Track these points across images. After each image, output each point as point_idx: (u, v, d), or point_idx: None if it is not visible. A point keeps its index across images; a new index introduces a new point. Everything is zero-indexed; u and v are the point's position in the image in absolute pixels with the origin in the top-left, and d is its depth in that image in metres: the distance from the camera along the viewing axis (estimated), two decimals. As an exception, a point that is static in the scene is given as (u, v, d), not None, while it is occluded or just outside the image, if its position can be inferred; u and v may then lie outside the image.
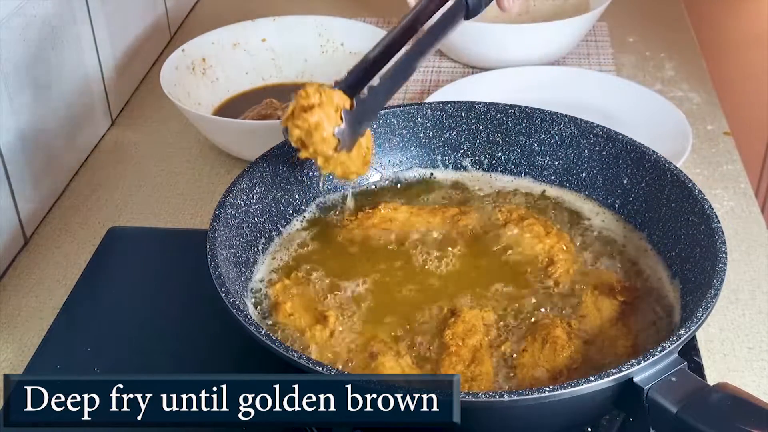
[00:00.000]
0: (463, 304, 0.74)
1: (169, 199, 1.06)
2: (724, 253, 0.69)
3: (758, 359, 0.83)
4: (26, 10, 0.98)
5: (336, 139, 0.71)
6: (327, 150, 0.72)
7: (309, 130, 0.71)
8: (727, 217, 1.00)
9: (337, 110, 0.71)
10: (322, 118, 0.70)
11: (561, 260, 0.78)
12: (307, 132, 0.71)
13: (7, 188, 0.95)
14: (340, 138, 0.72)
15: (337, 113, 0.71)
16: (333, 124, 0.71)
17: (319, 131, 0.70)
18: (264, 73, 1.23)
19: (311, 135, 0.71)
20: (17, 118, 0.97)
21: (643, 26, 1.42)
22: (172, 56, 1.15)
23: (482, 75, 1.20)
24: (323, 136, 0.71)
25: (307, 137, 0.71)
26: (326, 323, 0.72)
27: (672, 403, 0.58)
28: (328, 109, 0.70)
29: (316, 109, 0.70)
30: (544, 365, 0.68)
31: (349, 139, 0.73)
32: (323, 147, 0.72)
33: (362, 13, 1.46)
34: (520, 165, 0.88)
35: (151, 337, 0.84)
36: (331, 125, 0.71)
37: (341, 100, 0.72)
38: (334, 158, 0.73)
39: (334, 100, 0.71)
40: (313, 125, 0.70)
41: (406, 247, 0.81)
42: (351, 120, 0.72)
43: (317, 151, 0.72)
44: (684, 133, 1.05)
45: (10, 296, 0.92)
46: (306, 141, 0.71)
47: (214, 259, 0.69)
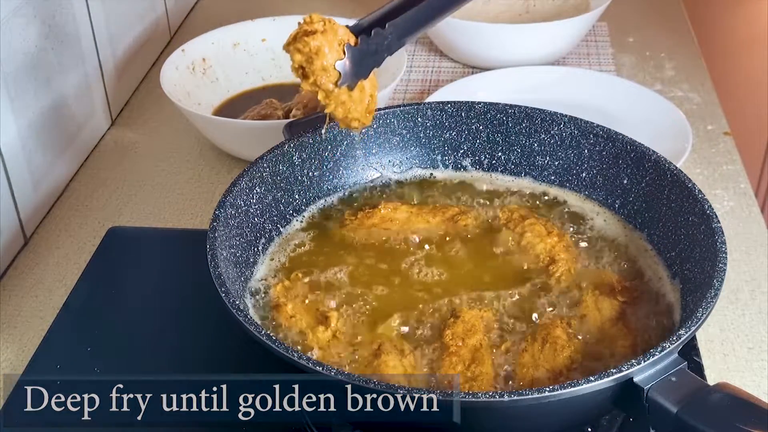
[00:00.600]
0: (463, 304, 0.74)
1: (169, 199, 1.06)
2: (724, 253, 0.69)
3: (758, 359, 0.83)
4: (26, 10, 0.98)
5: (337, 72, 0.71)
6: (327, 81, 0.71)
7: (310, 55, 0.70)
8: (727, 217, 1.00)
9: (340, 44, 0.70)
10: (324, 45, 0.70)
11: (561, 260, 0.78)
12: (308, 57, 0.70)
13: (7, 188, 0.95)
14: (341, 71, 0.71)
15: (341, 47, 0.70)
16: (335, 55, 0.70)
17: (320, 58, 0.70)
18: (264, 73, 1.23)
19: (312, 61, 0.70)
20: (17, 118, 0.97)
21: (643, 26, 1.42)
22: (172, 56, 1.15)
23: (482, 75, 1.20)
24: (324, 64, 0.70)
25: (308, 63, 0.70)
26: (328, 324, 0.72)
27: (672, 403, 0.58)
28: (330, 38, 0.70)
29: (319, 35, 0.70)
30: (544, 365, 0.68)
31: (351, 75, 0.72)
32: (323, 77, 0.71)
33: (362, 13, 1.45)
34: (520, 165, 0.88)
35: (151, 337, 0.84)
36: (333, 56, 0.70)
37: (345, 34, 0.71)
38: (335, 94, 0.72)
39: (338, 32, 0.71)
40: (314, 49, 0.70)
41: (406, 247, 0.81)
42: (354, 57, 0.71)
43: (317, 82, 0.71)
44: (684, 133, 1.05)
45: (10, 296, 0.92)
46: (307, 69, 0.71)
47: (214, 259, 0.69)
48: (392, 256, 0.80)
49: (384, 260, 0.79)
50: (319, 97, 0.72)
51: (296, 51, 0.70)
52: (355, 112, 0.74)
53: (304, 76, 0.71)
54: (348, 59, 0.71)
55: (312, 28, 0.70)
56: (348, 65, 0.71)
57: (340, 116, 0.74)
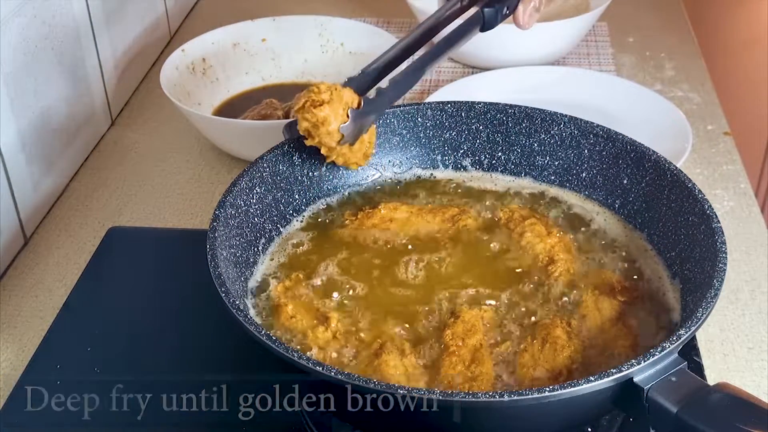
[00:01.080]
0: (463, 304, 0.74)
1: (169, 199, 1.06)
2: (724, 253, 0.69)
3: (758, 359, 0.83)
4: (26, 10, 0.98)
5: (340, 134, 0.77)
6: (331, 142, 0.77)
7: (316, 123, 0.76)
8: (727, 217, 1.00)
9: (345, 108, 0.76)
10: (329, 115, 0.76)
11: (561, 260, 0.78)
12: (314, 125, 0.76)
13: (7, 188, 0.95)
14: (344, 133, 0.77)
15: (345, 111, 0.76)
16: (339, 120, 0.76)
17: (326, 126, 0.76)
18: (264, 73, 1.23)
19: (318, 128, 0.76)
20: (17, 118, 0.97)
21: (643, 26, 1.42)
22: (172, 56, 1.15)
23: (482, 75, 1.20)
24: (329, 130, 0.76)
25: (314, 129, 0.77)
26: (328, 324, 0.72)
27: (672, 403, 0.58)
28: (336, 107, 0.76)
29: (326, 106, 0.75)
30: (544, 365, 0.68)
31: (353, 134, 0.78)
32: (327, 139, 0.77)
33: (362, 13, 1.46)
34: (520, 165, 0.88)
35: (151, 337, 0.84)
36: (338, 121, 0.76)
37: (350, 98, 0.77)
38: (336, 149, 0.78)
39: (344, 98, 0.77)
40: (321, 119, 0.76)
41: (406, 247, 0.81)
42: (356, 118, 0.77)
43: (322, 142, 0.77)
44: (684, 133, 1.05)
45: (10, 296, 0.92)
46: (312, 132, 0.77)
47: (214, 259, 0.69)
48: (392, 256, 0.80)
49: (384, 260, 0.79)
50: (322, 151, 0.79)
51: (304, 119, 0.76)
52: (353, 158, 0.81)
53: (309, 135, 0.77)
54: (351, 121, 0.77)
55: (319, 98, 0.76)
56: (351, 127, 0.77)
57: (339, 163, 0.81)
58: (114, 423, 0.75)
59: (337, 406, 0.68)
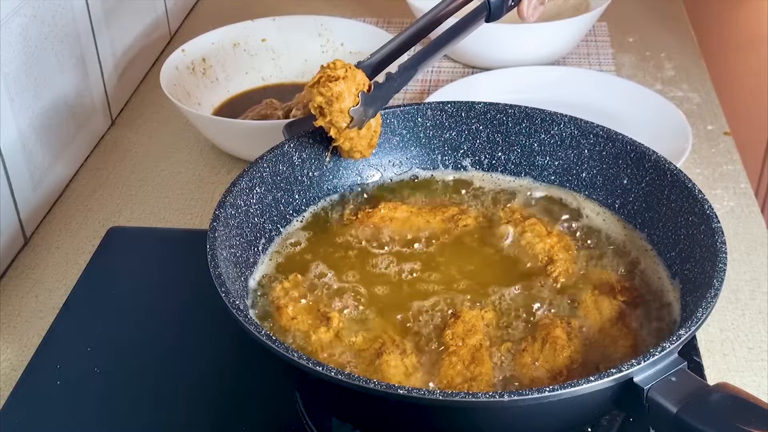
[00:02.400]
0: (464, 304, 0.74)
1: (169, 199, 1.06)
2: (724, 253, 0.69)
3: (758, 359, 0.83)
4: (26, 10, 0.98)
5: (350, 116, 0.77)
6: (341, 122, 0.77)
7: (331, 98, 0.76)
8: (727, 217, 1.00)
9: (357, 89, 0.77)
10: (344, 91, 0.76)
11: (561, 260, 0.78)
12: (328, 100, 0.76)
13: (7, 188, 0.95)
14: (354, 116, 0.77)
15: (357, 93, 0.77)
16: (351, 100, 0.77)
17: (340, 102, 0.76)
18: (264, 73, 1.23)
19: (331, 104, 0.76)
20: (17, 118, 0.97)
21: (643, 26, 1.42)
22: (172, 56, 1.15)
23: (482, 75, 1.20)
24: (342, 107, 0.76)
25: (327, 105, 0.76)
26: (330, 324, 0.72)
27: (672, 403, 0.58)
28: (350, 85, 0.76)
29: (341, 81, 0.76)
30: (544, 365, 0.68)
31: (361, 118, 0.78)
32: (339, 118, 0.77)
33: (362, 13, 1.46)
34: (520, 165, 0.88)
35: (151, 337, 0.84)
36: (350, 101, 0.76)
37: (362, 80, 0.78)
38: (344, 133, 0.78)
39: (357, 78, 0.77)
40: (336, 94, 0.76)
41: (406, 246, 0.81)
42: (366, 102, 0.78)
43: (332, 122, 0.77)
44: (684, 133, 1.05)
45: (10, 296, 0.92)
46: (325, 109, 0.77)
47: (214, 259, 0.69)
48: (393, 256, 0.80)
49: (384, 260, 0.79)
50: (331, 133, 0.79)
51: (319, 94, 0.76)
52: (359, 145, 0.81)
53: (321, 114, 0.77)
54: (361, 104, 0.77)
55: (335, 74, 0.76)
56: (361, 111, 0.77)
57: (345, 149, 0.81)
58: (114, 423, 0.75)
59: (337, 406, 0.68)
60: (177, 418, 0.76)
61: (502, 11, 0.86)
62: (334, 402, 0.67)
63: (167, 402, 0.77)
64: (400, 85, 0.82)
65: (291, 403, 0.75)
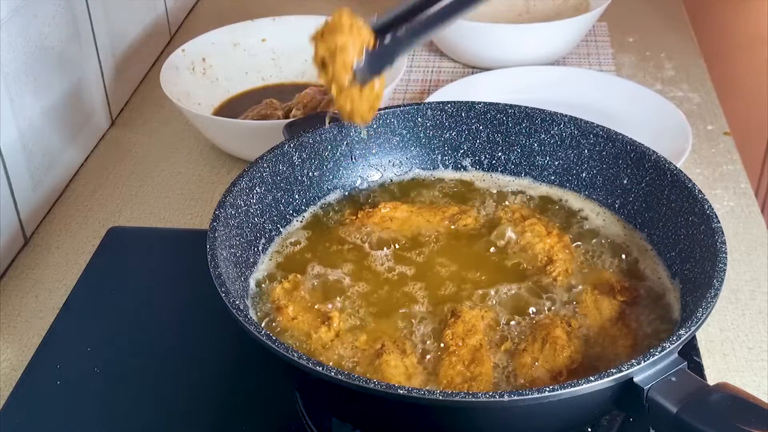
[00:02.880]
0: (464, 304, 0.74)
1: (169, 199, 1.06)
2: (724, 253, 0.69)
3: (758, 359, 0.83)
4: (26, 10, 0.98)
5: (353, 72, 0.74)
6: (343, 77, 0.74)
7: (334, 50, 0.73)
8: (727, 217, 1.00)
9: (361, 44, 0.74)
10: (349, 43, 0.73)
11: (560, 260, 0.78)
12: (332, 52, 0.74)
13: (7, 188, 0.95)
14: (357, 72, 0.74)
15: (361, 48, 0.74)
16: (355, 54, 0.74)
17: (343, 54, 0.73)
18: (264, 73, 1.23)
19: (334, 56, 0.74)
20: (17, 118, 0.97)
21: (643, 26, 1.42)
22: (172, 56, 1.15)
23: (482, 75, 1.20)
24: (345, 60, 0.73)
25: (330, 57, 0.74)
26: (330, 324, 0.72)
27: (672, 403, 0.58)
28: (355, 38, 0.74)
29: (346, 33, 0.73)
30: (544, 365, 0.68)
31: (364, 76, 0.75)
32: (341, 72, 0.74)
33: (362, 13, 1.46)
34: (520, 165, 0.88)
35: (151, 337, 0.84)
36: (353, 55, 0.74)
37: (368, 37, 0.75)
38: (346, 90, 0.75)
39: (362, 33, 0.74)
40: (339, 46, 0.73)
41: (406, 246, 0.81)
42: (370, 59, 0.75)
43: (335, 76, 0.74)
44: (684, 133, 1.05)
45: (10, 296, 0.92)
46: (328, 61, 0.74)
47: (214, 259, 0.69)
48: (392, 256, 0.80)
49: (384, 260, 0.79)
50: (332, 90, 0.75)
51: (322, 44, 0.74)
52: (360, 108, 0.77)
53: (323, 67, 0.74)
54: (365, 61, 0.74)
55: (340, 23, 0.73)
56: (364, 66, 0.74)
57: (347, 110, 0.77)
58: (114, 423, 0.75)
59: (337, 406, 0.68)
60: (177, 418, 0.76)
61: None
62: (334, 402, 0.67)
63: (167, 402, 0.77)
64: (407, 48, 0.78)
65: (291, 403, 0.75)
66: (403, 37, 0.77)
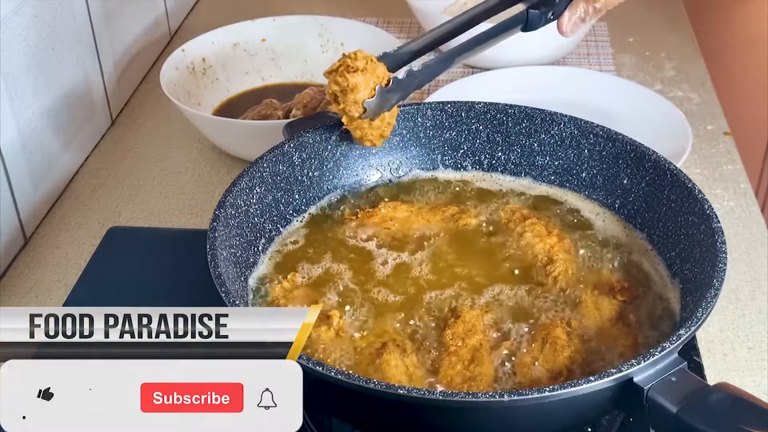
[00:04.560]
0: (464, 304, 0.74)
1: (169, 199, 1.06)
2: (724, 253, 0.69)
3: (758, 359, 0.83)
4: (26, 10, 0.98)
5: (363, 108, 0.77)
6: (354, 112, 0.78)
7: (346, 89, 0.76)
8: (727, 217, 1.00)
9: (375, 83, 0.77)
10: (361, 83, 0.76)
11: (560, 260, 0.78)
12: (344, 90, 0.77)
13: (7, 188, 0.95)
14: (367, 108, 0.77)
15: (374, 85, 0.77)
16: (367, 93, 0.77)
17: (354, 93, 0.77)
18: (264, 73, 1.23)
19: (346, 94, 0.77)
20: (17, 118, 0.97)
21: (643, 26, 1.42)
22: (172, 56, 1.15)
23: (482, 75, 1.20)
24: (356, 98, 0.77)
25: (342, 95, 0.77)
26: (330, 323, 0.72)
27: (672, 403, 0.58)
28: (368, 78, 0.77)
29: (359, 74, 0.76)
30: (544, 365, 0.68)
31: (375, 111, 0.78)
32: (351, 108, 0.77)
33: (362, 13, 1.46)
34: (520, 165, 0.88)
35: (151, 337, 0.83)
36: (366, 93, 0.77)
37: (382, 74, 0.78)
38: (357, 122, 0.79)
39: (377, 71, 0.77)
40: (351, 86, 0.76)
41: (406, 246, 0.81)
42: (383, 96, 0.78)
43: (345, 110, 0.78)
44: (684, 133, 1.05)
45: (10, 296, 0.92)
46: (339, 98, 0.77)
47: (214, 259, 0.69)
48: (392, 256, 0.80)
49: (384, 260, 0.79)
50: (343, 120, 0.79)
51: (334, 82, 0.77)
52: (370, 135, 0.81)
53: (335, 101, 0.78)
54: (377, 98, 0.77)
55: (355, 65, 0.76)
56: (375, 104, 0.77)
57: (356, 137, 0.81)
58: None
59: (337, 406, 0.68)
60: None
61: (540, 24, 0.84)
62: (334, 402, 0.67)
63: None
64: (421, 83, 0.81)
65: (291, 403, 0.75)
66: (419, 73, 0.80)
